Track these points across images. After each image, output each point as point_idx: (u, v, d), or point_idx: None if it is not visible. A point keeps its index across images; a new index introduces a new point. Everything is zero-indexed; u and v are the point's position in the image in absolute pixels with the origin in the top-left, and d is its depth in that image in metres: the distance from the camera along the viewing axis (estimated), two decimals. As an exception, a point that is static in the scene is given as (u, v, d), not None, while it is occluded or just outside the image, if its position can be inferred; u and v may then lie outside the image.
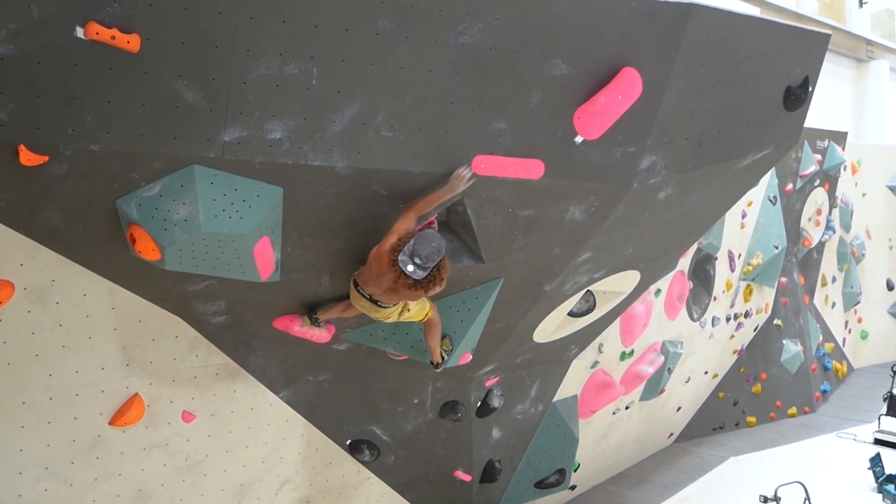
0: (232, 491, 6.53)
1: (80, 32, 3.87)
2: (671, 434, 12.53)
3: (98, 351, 5.53)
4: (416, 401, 7.37)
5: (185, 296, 5.60)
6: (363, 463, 7.44)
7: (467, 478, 8.07)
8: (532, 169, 5.30)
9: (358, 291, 5.54)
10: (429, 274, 5.12)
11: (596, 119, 5.26)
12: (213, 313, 5.86)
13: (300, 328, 6.08)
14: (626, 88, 5.22)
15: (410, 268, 5.05)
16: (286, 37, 4.27)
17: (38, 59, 3.87)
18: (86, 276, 5.31)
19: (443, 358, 6.43)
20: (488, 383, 7.76)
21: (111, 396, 5.65)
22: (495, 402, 7.87)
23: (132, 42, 3.96)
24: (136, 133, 4.21)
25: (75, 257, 5.17)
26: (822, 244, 15.05)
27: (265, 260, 4.97)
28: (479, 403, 7.78)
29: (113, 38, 3.90)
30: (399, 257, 5.04)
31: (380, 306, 5.57)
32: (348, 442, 7.26)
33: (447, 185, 5.09)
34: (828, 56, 6.55)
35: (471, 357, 6.73)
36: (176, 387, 5.99)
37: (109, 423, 5.66)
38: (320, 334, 6.21)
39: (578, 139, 5.34)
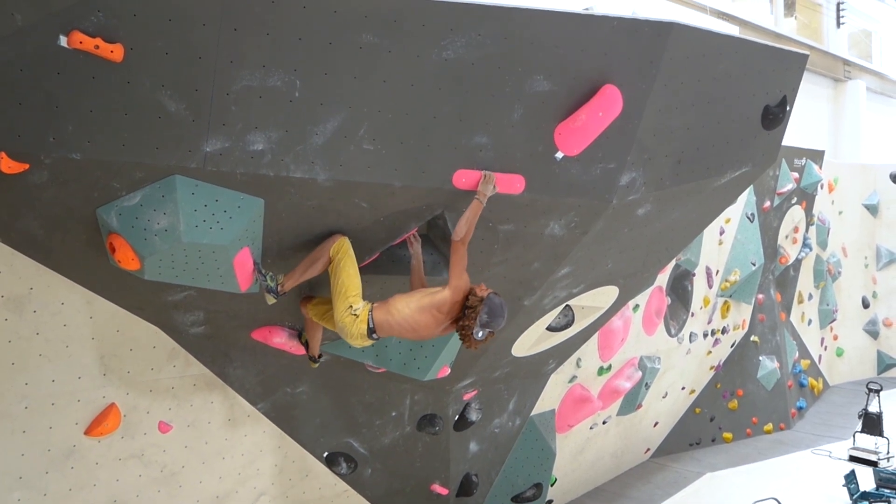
0: (207, 502, 6.50)
1: (63, 41, 3.87)
2: (648, 449, 12.57)
3: (75, 360, 5.50)
4: (393, 414, 7.37)
5: (164, 306, 5.58)
6: (340, 476, 7.42)
7: (444, 491, 8.06)
8: (513, 184, 5.33)
9: (365, 318, 5.20)
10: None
11: (577, 135, 5.31)
12: (191, 324, 5.84)
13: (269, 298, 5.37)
14: (607, 105, 5.27)
15: (480, 334, 5.14)
16: (270, 49, 4.29)
17: (21, 67, 3.87)
18: (64, 284, 5.28)
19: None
20: (466, 397, 7.77)
21: (87, 406, 5.62)
22: (473, 415, 7.88)
23: (116, 52, 3.96)
24: (118, 142, 4.21)
25: (54, 266, 5.15)
26: (798, 261, 15.18)
27: (245, 271, 4.97)
28: (457, 417, 7.78)
29: (97, 47, 3.91)
30: (474, 329, 5.12)
31: (372, 338, 5.28)
32: (325, 454, 7.24)
33: (475, 202, 5.11)
34: (806, 75, 6.64)
35: (449, 370, 6.74)
36: (153, 397, 5.96)
37: (85, 433, 5.63)
38: (299, 345, 6.19)
39: (559, 155, 5.38)
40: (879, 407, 12.08)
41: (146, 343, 5.82)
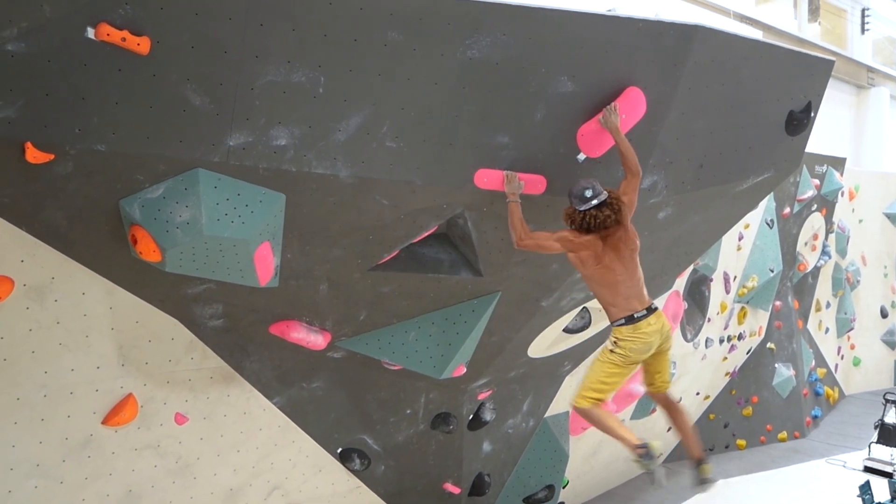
0: (221, 495, 6.53)
1: (90, 33, 3.89)
2: (661, 454, 12.52)
3: (94, 350, 5.54)
4: (408, 411, 7.38)
5: (183, 298, 5.61)
6: (353, 472, 7.43)
7: (456, 490, 8.07)
8: (534, 184, 5.33)
9: (622, 327, 5.37)
10: (602, 195, 5.16)
11: (599, 137, 5.30)
12: (210, 317, 5.87)
13: None
14: (631, 108, 5.26)
15: (595, 201, 5.12)
16: (295, 44, 4.30)
17: (49, 58, 3.89)
18: (85, 274, 5.32)
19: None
20: (481, 396, 7.77)
21: (105, 396, 5.65)
22: (487, 415, 7.88)
23: (142, 44, 3.98)
24: (143, 135, 4.23)
25: (76, 256, 5.19)
26: (817, 269, 15.08)
27: (265, 265, 4.99)
28: (471, 416, 7.78)
29: (123, 39, 3.93)
30: (582, 210, 5.15)
31: (638, 319, 5.34)
32: (339, 450, 7.26)
33: (510, 205, 5.23)
34: (829, 82, 6.60)
35: (465, 370, 6.74)
36: (170, 388, 5.99)
37: (102, 423, 5.66)
38: (316, 341, 6.21)
39: (581, 157, 5.38)
40: (896, 418, 12.01)
41: (165, 335, 5.85)
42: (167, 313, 5.78)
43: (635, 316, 5.34)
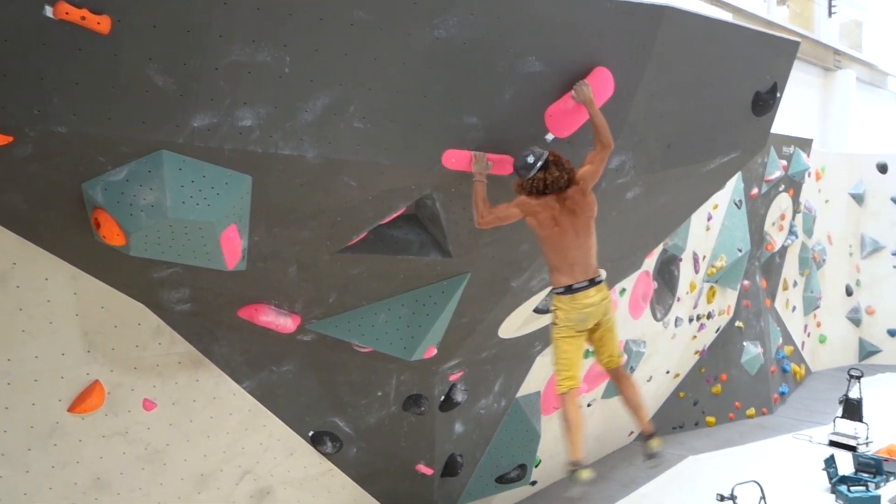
0: (192, 480, 6.48)
1: (49, 12, 3.80)
2: (631, 432, 12.62)
3: (59, 336, 5.45)
4: (379, 393, 7.37)
5: (149, 283, 5.54)
6: (325, 455, 7.42)
7: (429, 471, 8.08)
8: (502, 164, 5.32)
9: (561, 295, 5.49)
10: (544, 155, 5.22)
11: (567, 118, 5.30)
12: (177, 301, 5.80)
13: None
14: (599, 88, 5.26)
15: (539, 163, 5.20)
16: (260, 24, 4.23)
17: (5, 38, 3.80)
18: (48, 260, 5.23)
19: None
20: (452, 378, 7.77)
21: (71, 383, 5.58)
22: (459, 396, 7.89)
23: (102, 23, 3.90)
24: (104, 116, 4.16)
25: (38, 241, 5.10)
26: (784, 249, 15.24)
27: (232, 248, 4.94)
28: (443, 398, 7.79)
29: (83, 18, 3.84)
30: (525, 176, 5.23)
31: (576, 290, 5.45)
32: (311, 433, 7.23)
33: (475, 184, 5.24)
34: (796, 64, 6.64)
35: (436, 351, 6.73)
36: (137, 374, 5.93)
37: (68, 410, 5.58)
38: (285, 324, 6.17)
39: (549, 137, 5.38)
40: (860, 393, 12.17)
41: (131, 320, 5.78)
42: (133, 298, 5.71)
43: (574, 286, 5.42)
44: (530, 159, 5.16)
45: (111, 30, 3.93)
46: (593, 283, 5.48)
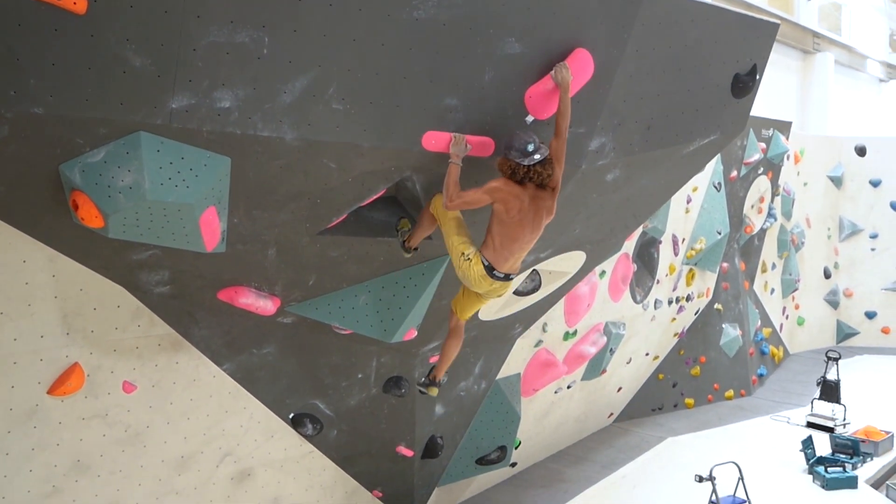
0: (172, 462, 6.49)
1: (24, -9, 3.76)
2: (611, 414, 12.73)
3: (37, 319, 5.43)
4: (360, 376, 7.38)
5: (128, 265, 5.52)
6: (306, 437, 7.44)
7: (409, 453, 8.12)
8: (483, 146, 5.32)
9: (483, 266, 5.45)
10: (545, 150, 5.16)
11: (547, 99, 5.29)
12: (156, 283, 5.79)
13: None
14: (578, 69, 5.26)
15: (538, 156, 5.11)
16: (237, 4, 4.20)
17: (-20, 18, 3.77)
18: (26, 242, 5.20)
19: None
20: (432, 360, 7.79)
21: (50, 365, 5.56)
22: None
23: (79, 3, 3.86)
24: (81, 97, 4.12)
25: (15, 223, 5.06)
26: (763, 231, 15.35)
27: (211, 230, 4.92)
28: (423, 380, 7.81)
29: (59, -2, 3.81)
30: (521, 164, 5.11)
31: (493, 277, 5.46)
32: (291, 415, 7.25)
33: (451, 166, 5.18)
34: (775, 47, 6.67)
35: (416, 333, 6.75)
36: (117, 357, 5.92)
37: (48, 393, 5.57)
38: (265, 306, 6.16)
39: (529, 119, 5.37)
40: (837, 375, 12.33)
41: (110, 302, 5.76)
42: (112, 280, 5.69)
43: (495, 272, 5.45)
44: (531, 147, 5.08)
45: (88, 10, 3.90)
46: (508, 278, 5.55)
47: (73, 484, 5.87)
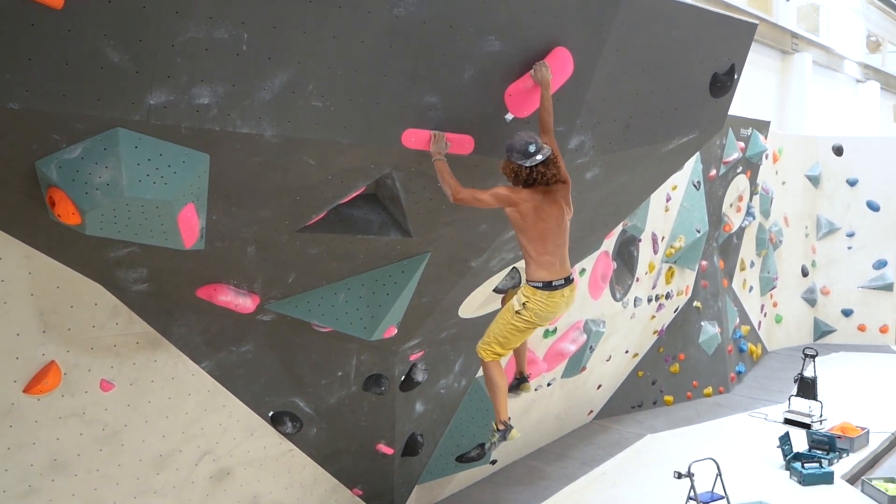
0: (150, 461, 6.45)
1: (0, -14, 3.73)
2: (591, 411, 12.76)
3: (13, 317, 5.38)
4: (339, 373, 7.37)
5: (105, 262, 5.48)
6: (285, 435, 7.42)
7: (389, 451, 8.12)
8: (462, 144, 5.33)
9: (539, 290, 5.49)
10: (546, 150, 5.15)
11: (527, 97, 5.31)
12: (134, 281, 5.75)
13: None
14: (558, 68, 5.27)
15: (540, 156, 5.10)
16: (216, 0, 4.18)
17: (-45, 12, 3.73)
18: (2, 239, 5.15)
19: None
20: (413, 357, 7.80)
21: (26, 363, 5.51)
22: (419, 376, 7.92)
23: (55, -3, 3.83)
24: (58, 93, 4.09)
25: (-9, 220, 5.02)
26: (742, 229, 15.44)
27: (189, 227, 4.89)
28: (403, 377, 7.82)
29: (35, -8, 3.78)
30: (522, 165, 5.13)
31: (556, 287, 5.49)
32: (270, 413, 7.22)
33: (436, 163, 5.19)
34: (754, 47, 6.71)
35: (396, 331, 6.75)
36: (94, 355, 5.88)
37: (24, 391, 5.53)
38: (244, 304, 6.14)
39: (509, 116, 5.38)
40: (814, 372, 12.43)
41: (88, 300, 5.72)
42: (89, 278, 5.65)
43: (554, 283, 5.45)
44: (532, 148, 5.09)
45: (65, 4, 3.86)
46: (569, 280, 5.54)
47: (49, 483, 5.82)
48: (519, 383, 6.67)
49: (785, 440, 10.33)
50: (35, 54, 3.94)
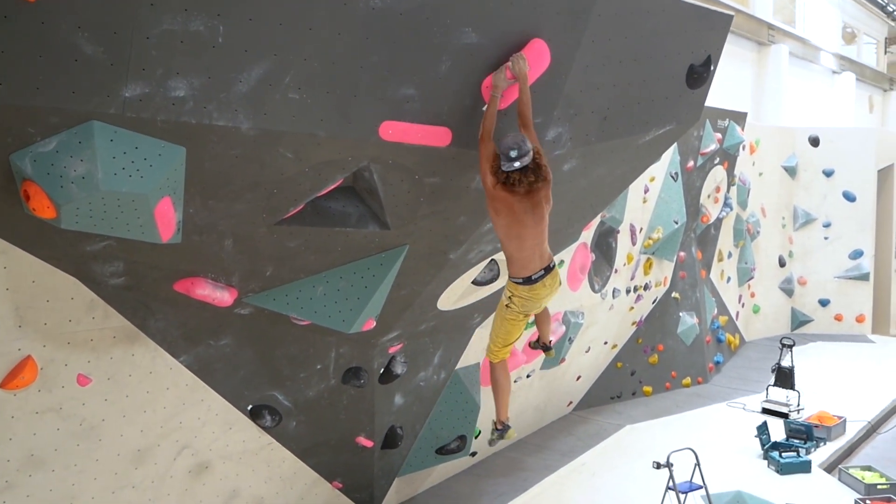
0: (129, 456, 6.42)
1: (-29, -23, 3.69)
2: (570, 402, 12.83)
3: (-12, 311, 5.34)
4: (318, 366, 7.36)
5: (81, 256, 5.44)
6: (264, 428, 7.40)
7: (369, 444, 8.12)
8: (439, 136, 5.33)
9: (519, 286, 5.69)
10: (533, 155, 5.16)
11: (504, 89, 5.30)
12: (111, 275, 5.71)
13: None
14: (535, 60, 5.28)
15: (517, 164, 5.09)
16: (192, -8, 4.16)
17: (-75, 4, 3.68)
18: (-25, 233, 5.11)
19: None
20: (392, 350, 7.80)
21: (2, 358, 5.47)
22: (398, 368, 7.92)
23: (28, -11, 3.80)
24: (32, 86, 4.05)
25: (-36, 214, 4.97)
26: (719, 221, 15.55)
27: (166, 221, 4.86)
28: (382, 370, 7.82)
29: (7, -16, 3.74)
30: (501, 168, 5.15)
31: (535, 280, 5.66)
32: (249, 407, 7.20)
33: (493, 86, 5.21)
34: (731, 38, 6.76)
35: (374, 324, 6.74)
36: (71, 349, 5.84)
37: (0, 386, 5.48)
38: (222, 297, 6.12)
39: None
40: (791, 362, 12.56)
41: (64, 294, 5.68)
42: (65, 272, 5.60)
43: (533, 277, 5.63)
44: (513, 153, 5.09)
45: (37, -4, 3.83)
46: (548, 270, 5.62)
47: (26, 479, 5.78)
48: (545, 348, 7.25)
49: (763, 430, 10.43)
50: (8, 47, 3.90)
